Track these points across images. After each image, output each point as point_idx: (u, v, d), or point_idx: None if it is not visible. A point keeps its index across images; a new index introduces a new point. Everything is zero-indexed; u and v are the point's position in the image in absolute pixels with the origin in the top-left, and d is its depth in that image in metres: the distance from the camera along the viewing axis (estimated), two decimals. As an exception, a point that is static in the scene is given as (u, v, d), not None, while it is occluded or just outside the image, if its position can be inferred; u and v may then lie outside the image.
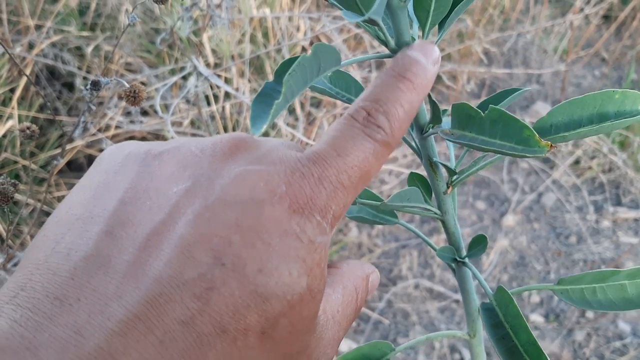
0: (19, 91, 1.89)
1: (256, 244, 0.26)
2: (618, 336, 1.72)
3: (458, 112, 0.31)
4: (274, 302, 0.26)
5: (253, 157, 0.29)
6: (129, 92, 0.58)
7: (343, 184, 0.29)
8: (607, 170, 2.15)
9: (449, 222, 0.40)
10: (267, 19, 2.00)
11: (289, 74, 0.25)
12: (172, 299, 0.24)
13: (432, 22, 0.32)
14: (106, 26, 2.15)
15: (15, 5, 2.03)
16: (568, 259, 1.96)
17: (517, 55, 2.52)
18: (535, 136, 0.28)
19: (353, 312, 0.32)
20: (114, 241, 0.26)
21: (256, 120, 0.27)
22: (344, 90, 0.39)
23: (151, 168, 0.29)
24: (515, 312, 0.35)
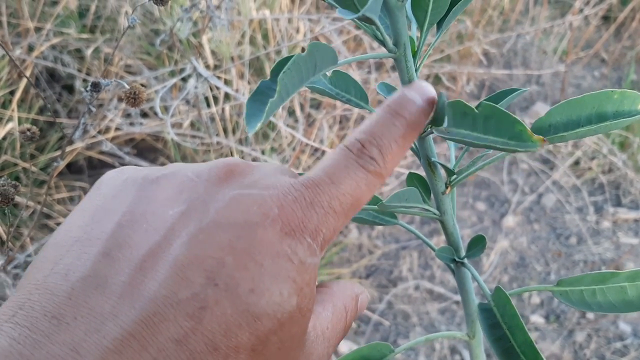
0: (19, 93, 1.89)
1: (249, 265, 0.27)
2: (619, 337, 1.72)
3: (453, 110, 0.31)
4: (265, 320, 0.27)
5: (247, 181, 0.30)
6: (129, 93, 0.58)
7: (334, 210, 0.30)
8: (607, 171, 2.15)
9: (447, 222, 0.40)
10: (267, 21, 2.00)
11: (283, 73, 0.25)
12: (166, 318, 0.25)
13: (430, 22, 0.32)
14: (106, 28, 2.15)
15: (15, 8, 2.03)
16: (568, 260, 1.96)
17: (517, 56, 2.52)
18: (527, 131, 0.28)
19: (342, 329, 0.33)
20: (111, 262, 0.27)
21: (251, 119, 0.27)
22: (343, 91, 0.39)
23: (148, 192, 0.30)
24: (512, 313, 0.35)
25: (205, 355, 0.25)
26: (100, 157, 2.05)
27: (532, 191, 2.15)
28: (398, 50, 0.32)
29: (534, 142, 0.28)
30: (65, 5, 2.05)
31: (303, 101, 2.01)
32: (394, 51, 0.32)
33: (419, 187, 0.41)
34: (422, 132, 0.35)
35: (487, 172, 2.20)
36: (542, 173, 2.19)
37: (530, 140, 0.28)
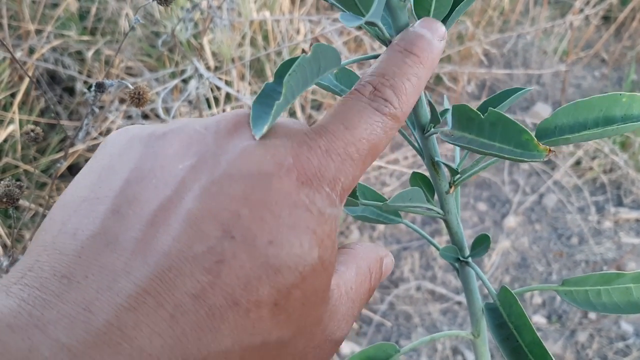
0: (20, 96, 1.89)
1: (265, 216, 0.26)
2: (621, 337, 1.72)
3: (458, 114, 0.31)
4: (285, 273, 0.26)
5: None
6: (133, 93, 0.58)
7: (351, 157, 0.29)
8: (608, 171, 2.15)
9: (451, 221, 0.40)
10: (267, 22, 2.00)
11: (289, 75, 0.25)
12: (182, 272, 0.24)
13: (434, 22, 0.32)
14: (106, 30, 2.16)
15: (15, 10, 2.03)
16: (570, 260, 1.96)
17: (517, 57, 2.52)
18: (533, 140, 0.28)
19: (366, 291, 0.32)
20: (121, 219, 0.26)
21: (257, 121, 0.27)
22: (348, 88, 0.39)
23: (155, 148, 0.29)
24: (520, 312, 0.35)
25: (225, 310, 0.25)
26: (102, 159, 2.05)
27: (533, 191, 2.15)
28: (401, 50, 0.32)
29: (540, 151, 0.28)
30: (65, 7, 2.05)
31: (304, 102, 2.01)
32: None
33: (423, 187, 0.41)
34: (426, 132, 0.35)
35: (488, 173, 2.20)
36: (543, 173, 2.20)
37: (536, 149, 0.28)
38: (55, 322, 0.23)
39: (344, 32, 2.08)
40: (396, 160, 2.09)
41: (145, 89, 0.58)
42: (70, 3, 2.05)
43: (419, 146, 0.37)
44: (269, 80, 0.28)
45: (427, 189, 0.40)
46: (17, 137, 1.88)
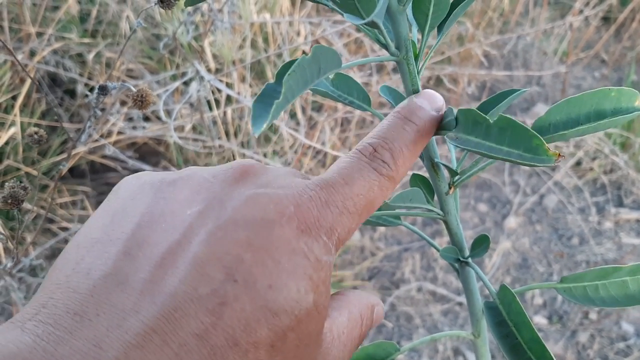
0: (21, 98, 1.89)
1: (266, 261, 0.27)
2: (622, 337, 1.72)
3: (465, 117, 0.31)
4: (283, 316, 0.27)
5: (262, 181, 0.31)
6: (136, 96, 0.59)
7: (348, 210, 0.30)
8: (608, 172, 2.16)
9: (451, 222, 0.40)
10: (268, 24, 2.01)
11: (288, 75, 0.26)
12: (187, 313, 0.26)
13: (431, 25, 0.33)
14: (107, 33, 2.16)
15: (16, 13, 2.04)
16: (570, 261, 1.96)
17: (517, 58, 2.53)
18: (544, 145, 0.28)
19: (357, 337, 0.33)
20: (132, 261, 0.27)
21: (257, 120, 0.27)
22: (345, 93, 0.40)
23: (166, 194, 0.31)
24: (518, 310, 0.35)
25: (225, 350, 0.26)
26: (103, 161, 2.06)
27: (533, 192, 2.16)
28: (400, 54, 0.33)
29: (550, 156, 0.28)
30: (66, 10, 2.05)
31: (305, 104, 2.02)
32: (396, 54, 0.33)
33: (423, 188, 0.41)
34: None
35: (488, 174, 2.20)
36: (543, 174, 2.20)
37: (546, 154, 0.28)
38: (68, 357, 0.24)
39: (344, 34, 2.08)
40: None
41: (148, 91, 0.59)
42: (71, 6, 2.06)
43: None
44: (270, 81, 0.28)
45: (426, 190, 0.41)
46: (19, 140, 1.88)
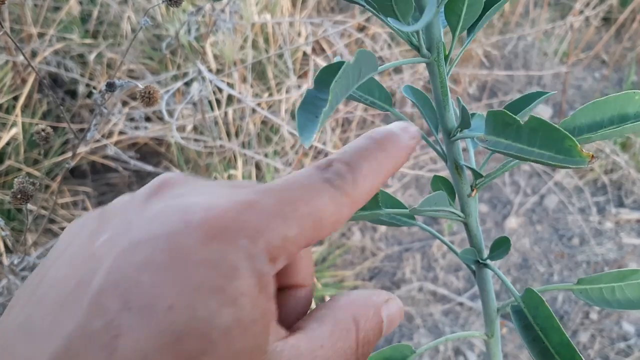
0: (23, 99, 1.89)
1: (167, 279, 0.24)
2: (622, 337, 1.73)
3: (494, 119, 0.31)
4: (188, 340, 0.24)
5: (177, 193, 0.28)
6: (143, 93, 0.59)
7: (284, 214, 0.26)
8: (609, 172, 2.16)
9: (471, 224, 0.40)
10: (268, 25, 2.01)
11: (335, 82, 0.25)
12: (79, 352, 0.23)
13: (463, 27, 0.33)
14: (108, 34, 2.16)
15: (18, 14, 2.03)
16: (571, 261, 1.96)
17: (518, 58, 2.53)
18: (577, 146, 0.28)
19: (350, 347, 0.28)
20: (39, 305, 0.26)
21: (304, 130, 0.27)
22: (367, 94, 0.39)
23: (83, 229, 0.28)
24: (547, 314, 0.35)
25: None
26: (104, 161, 2.06)
27: (534, 192, 2.16)
28: (432, 55, 0.33)
29: (583, 157, 0.28)
30: (68, 10, 2.05)
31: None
32: (427, 56, 0.33)
33: (444, 190, 0.41)
34: (452, 136, 0.35)
35: (489, 174, 2.21)
36: (544, 174, 2.20)
37: (579, 155, 0.28)
38: None
39: (344, 35, 2.08)
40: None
41: (155, 88, 0.59)
42: (72, 6, 2.06)
43: (442, 150, 0.38)
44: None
45: (448, 192, 0.41)
46: (20, 140, 1.88)
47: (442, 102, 0.35)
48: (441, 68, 0.33)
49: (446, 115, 0.35)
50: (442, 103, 0.35)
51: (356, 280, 1.91)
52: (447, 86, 0.35)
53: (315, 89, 0.29)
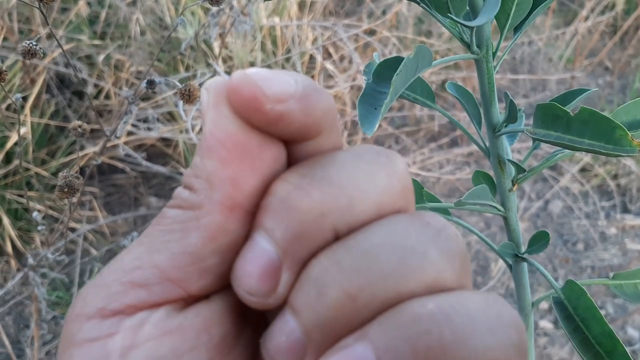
0: (32, 99, 1.90)
1: None
2: (627, 342, 1.74)
3: (543, 112, 0.32)
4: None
5: None
6: (183, 90, 0.60)
7: None
8: (615, 177, 2.17)
9: (511, 219, 0.41)
10: (277, 28, 2.02)
11: (397, 75, 0.26)
12: None
13: (511, 25, 0.34)
14: (116, 35, 2.17)
15: (26, 16, 2.04)
16: (576, 266, 1.97)
17: (524, 64, 2.54)
18: (627, 136, 0.29)
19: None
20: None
21: (365, 120, 0.27)
22: (409, 90, 0.40)
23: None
24: (588, 305, 0.36)
25: None
26: (111, 162, 2.06)
27: (538, 197, 2.17)
28: (481, 52, 0.34)
29: (634, 147, 0.29)
30: (77, 12, 2.06)
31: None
32: (477, 52, 0.34)
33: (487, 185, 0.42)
34: (497, 131, 0.36)
35: (494, 179, 2.21)
36: (550, 178, 2.21)
37: (630, 145, 0.29)
38: None
39: (351, 38, 2.09)
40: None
41: (195, 86, 0.60)
42: (80, 8, 2.07)
43: (485, 146, 0.39)
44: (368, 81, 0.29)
45: (489, 186, 0.42)
46: (29, 140, 1.89)
47: (488, 97, 0.36)
48: (489, 64, 0.34)
49: (492, 110, 0.36)
50: (488, 99, 0.36)
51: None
52: (494, 82, 0.35)
53: (374, 82, 0.29)
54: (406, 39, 2.10)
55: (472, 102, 0.40)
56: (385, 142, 2.31)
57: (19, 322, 1.80)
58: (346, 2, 2.45)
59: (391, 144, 2.29)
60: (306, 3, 2.19)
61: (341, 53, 2.08)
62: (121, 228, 2.09)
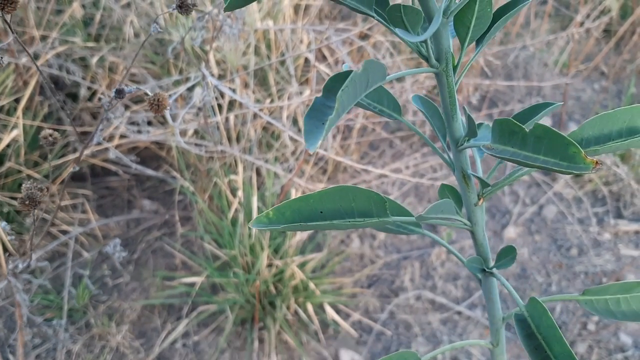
0: (24, 101, 1.89)
1: None
2: (620, 348, 1.73)
3: (500, 128, 0.32)
4: None
5: None
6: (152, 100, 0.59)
7: None
8: (608, 183, 2.17)
9: (478, 233, 0.41)
10: (271, 31, 2.01)
11: (342, 90, 0.26)
12: None
13: (472, 38, 0.33)
14: (111, 37, 2.16)
15: (21, 17, 2.04)
16: (569, 271, 1.97)
17: (518, 69, 2.54)
18: (581, 153, 0.28)
19: None
20: None
21: (310, 136, 0.27)
22: (375, 102, 0.40)
23: None
24: (550, 324, 0.36)
25: None
26: (104, 164, 2.06)
27: (533, 202, 2.17)
28: (440, 66, 0.33)
29: (587, 164, 0.28)
30: (71, 14, 2.06)
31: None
32: (436, 66, 0.33)
33: (451, 199, 0.41)
34: (460, 145, 0.35)
35: (488, 183, 2.21)
36: (543, 184, 2.21)
37: (583, 162, 0.28)
38: None
39: (346, 42, 2.09)
40: (398, 169, 2.10)
41: (164, 95, 0.59)
42: (75, 10, 2.06)
43: (450, 159, 0.38)
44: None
45: (455, 200, 0.41)
46: (21, 142, 1.88)
47: (450, 111, 0.35)
48: (449, 78, 0.34)
49: (454, 124, 0.36)
50: (450, 113, 0.35)
51: (355, 288, 1.91)
52: (455, 96, 0.35)
53: (323, 97, 0.29)
54: (400, 44, 2.10)
55: (438, 116, 0.40)
56: (380, 147, 2.30)
57: (9, 325, 1.79)
58: (341, 6, 2.45)
59: (385, 148, 2.28)
60: (301, 6, 2.19)
61: (336, 56, 2.07)
62: (113, 231, 2.08)
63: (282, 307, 1.74)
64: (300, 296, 1.78)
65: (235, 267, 1.77)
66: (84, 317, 1.82)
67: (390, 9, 0.29)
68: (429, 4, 0.30)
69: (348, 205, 0.37)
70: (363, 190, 0.38)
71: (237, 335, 1.79)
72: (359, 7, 0.30)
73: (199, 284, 1.79)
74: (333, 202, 0.37)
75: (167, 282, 1.90)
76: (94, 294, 1.88)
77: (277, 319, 1.73)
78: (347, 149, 2.16)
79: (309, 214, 0.38)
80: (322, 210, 0.37)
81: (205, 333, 1.79)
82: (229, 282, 1.76)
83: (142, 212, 2.12)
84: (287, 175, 1.83)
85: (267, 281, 1.74)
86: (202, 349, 1.76)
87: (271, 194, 1.84)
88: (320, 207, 0.37)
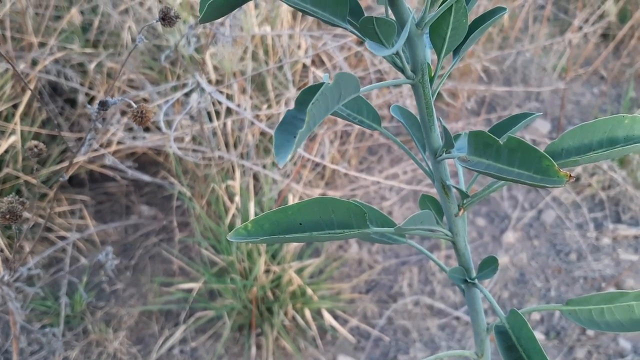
0: (22, 107, 1.89)
1: None
2: (619, 354, 1.72)
3: (475, 140, 0.31)
4: None
5: None
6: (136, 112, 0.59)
7: None
8: (606, 188, 2.16)
9: (459, 243, 0.40)
10: (268, 37, 2.01)
11: (312, 104, 0.25)
12: None
13: (448, 49, 0.33)
14: (109, 43, 2.17)
15: (19, 23, 2.04)
16: (568, 276, 1.96)
17: (517, 73, 2.54)
18: (554, 166, 0.28)
19: None
20: None
21: (280, 150, 0.27)
22: (355, 112, 0.40)
23: None
24: (529, 336, 0.35)
25: None
26: (102, 170, 2.06)
27: (531, 207, 2.16)
28: (416, 77, 0.33)
29: (561, 177, 0.28)
30: (69, 20, 2.06)
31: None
32: (412, 77, 0.33)
33: (432, 209, 0.41)
34: (438, 156, 0.35)
35: (487, 188, 2.20)
36: (542, 189, 2.20)
37: (556, 175, 0.28)
38: None
39: (344, 48, 2.09)
40: (395, 174, 2.10)
41: (147, 108, 0.59)
42: (73, 16, 2.07)
43: (429, 169, 0.38)
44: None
45: (436, 211, 0.41)
46: (19, 148, 1.88)
47: (427, 122, 0.35)
48: (426, 90, 0.33)
49: (432, 135, 0.35)
50: (427, 124, 0.35)
51: (353, 293, 1.90)
52: (432, 107, 0.35)
53: (295, 109, 0.29)
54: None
55: (417, 126, 0.40)
56: (378, 151, 2.30)
57: (7, 331, 1.79)
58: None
59: (383, 153, 2.28)
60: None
61: (334, 62, 2.07)
62: (111, 237, 2.08)
63: (280, 313, 1.73)
64: (298, 302, 1.77)
65: (232, 273, 1.76)
66: (81, 323, 1.82)
67: (363, 21, 0.29)
68: (404, 16, 0.30)
69: (327, 216, 0.37)
70: (342, 201, 0.37)
71: (235, 341, 1.79)
72: (332, 20, 0.30)
73: (197, 290, 1.79)
74: (312, 213, 0.37)
75: (164, 288, 1.90)
76: (91, 300, 1.88)
77: (274, 324, 1.73)
78: (345, 154, 2.16)
79: (287, 225, 0.38)
80: (301, 222, 0.37)
81: (202, 339, 1.78)
82: (226, 288, 1.76)
83: (140, 218, 2.12)
84: (285, 181, 1.83)
85: (265, 287, 1.74)
86: (200, 355, 1.75)
87: (268, 199, 1.84)
88: (299, 218, 0.37)
